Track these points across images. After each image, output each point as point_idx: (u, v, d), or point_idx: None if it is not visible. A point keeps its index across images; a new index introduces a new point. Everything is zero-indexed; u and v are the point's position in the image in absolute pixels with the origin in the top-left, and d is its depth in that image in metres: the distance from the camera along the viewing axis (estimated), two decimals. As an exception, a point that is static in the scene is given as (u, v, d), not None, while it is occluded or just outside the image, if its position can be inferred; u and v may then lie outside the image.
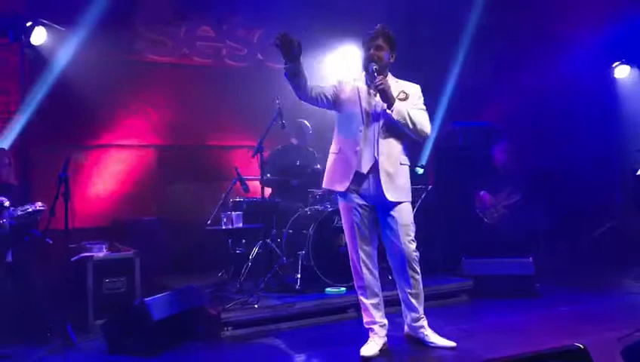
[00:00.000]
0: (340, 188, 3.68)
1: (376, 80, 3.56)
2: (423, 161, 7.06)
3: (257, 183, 5.11)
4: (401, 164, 3.69)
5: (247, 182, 5.29)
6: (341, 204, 3.81)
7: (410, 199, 3.75)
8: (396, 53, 3.75)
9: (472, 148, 6.57)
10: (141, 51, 6.53)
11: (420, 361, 3.66)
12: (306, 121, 5.98)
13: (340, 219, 5.04)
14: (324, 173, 5.42)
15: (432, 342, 3.74)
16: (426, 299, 4.77)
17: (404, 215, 3.67)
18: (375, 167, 3.61)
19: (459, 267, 5.45)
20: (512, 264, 5.26)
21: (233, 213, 4.87)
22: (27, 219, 4.23)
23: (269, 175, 5.52)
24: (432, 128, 7.39)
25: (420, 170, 5.81)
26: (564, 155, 6.82)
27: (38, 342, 4.07)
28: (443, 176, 6.73)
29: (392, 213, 3.65)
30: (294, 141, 5.95)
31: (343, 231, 4.98)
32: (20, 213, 4.13)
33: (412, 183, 6.22)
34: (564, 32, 7.52)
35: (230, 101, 6.60)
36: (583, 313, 4.70)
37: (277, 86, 6.49)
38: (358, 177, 3.64)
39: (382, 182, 3.58)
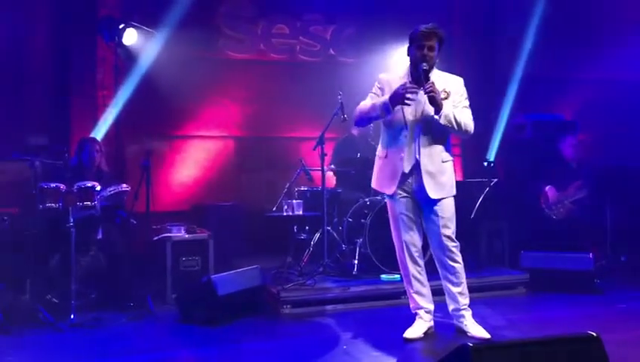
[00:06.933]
0: (389, 191, 3.87)
1: (427, 86, 3.60)
2: (491, 153, 7.10)
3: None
4: (442, 161, 3.80)
5: (311, 172, 5.61)
6: (388, 200, 3.99)
7: (453, 193, 3.86)
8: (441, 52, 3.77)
9: (541, 141, 6.46)
10: (221, 49, 7.08)
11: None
12: None
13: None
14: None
15: (469, 332, 3.87)
16: (481, 290, 4.93)
17: (446, 208, 3.82)
18: (417, 167, 3.75)
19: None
20: (570, 259, 5.20)
21: (294, 201, 5.21)
22: (114, 200, 4.74)
23: (332, 166, 5.83)
24: (500, 120, 7.35)
25: None
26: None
27: (121, 310, 4.62)
28: (511, 169, 6.70)
29: (434, 207, 3.81)
30: (355, 132, 6.15)
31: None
32: (107, 193, 4.63)
33: (478, 176, 6.26)
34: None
35: (302, 95, 6.97)
36: (641, 311, 4.62)
37: (346, 79, 6.81)
38: (403, 176, 3.80)
39: (424, 181, 3.73)
